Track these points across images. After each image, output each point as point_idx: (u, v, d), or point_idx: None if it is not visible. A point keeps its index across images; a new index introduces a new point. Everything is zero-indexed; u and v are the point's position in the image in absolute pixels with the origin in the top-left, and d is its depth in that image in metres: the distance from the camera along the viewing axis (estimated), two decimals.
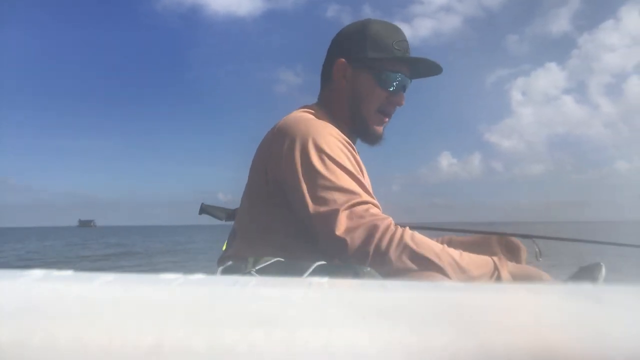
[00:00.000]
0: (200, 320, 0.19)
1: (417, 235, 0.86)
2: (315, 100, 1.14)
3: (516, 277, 0.92)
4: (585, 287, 0.25)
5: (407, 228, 0.87)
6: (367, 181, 1.04)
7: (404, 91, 1.07)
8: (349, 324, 0.19)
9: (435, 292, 0.24)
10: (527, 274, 0.94)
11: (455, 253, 0.86)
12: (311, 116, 1.01)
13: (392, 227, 0.85)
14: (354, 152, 0.97)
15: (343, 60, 1.05)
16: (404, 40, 1.05)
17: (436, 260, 0.82)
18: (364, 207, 0.86)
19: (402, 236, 0.83)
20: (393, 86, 1.03)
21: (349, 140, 0.98)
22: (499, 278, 0.89)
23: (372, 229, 0.84)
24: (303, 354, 0.17)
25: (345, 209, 0.85)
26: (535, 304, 0.23)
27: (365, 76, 1.03)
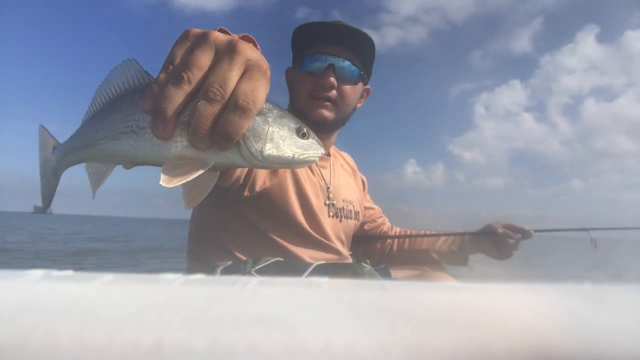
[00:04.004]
0: (200, 320, 0.19)
1: None
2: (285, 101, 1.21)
3: None
4: (585, 287, 0.25)
5: None
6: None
7: (334, 71, 1.06)
8: (349, 324, 0.19)
9: (435, 292, 0.24)
10: None
11: None
12: None
13: None
14: None
15: (289, 67, 1.16)
16: (322, 23, 1.09)
17: None
18: None
19: None
20: (313, 68, 1.07)
21: None
22: None
23: None
24: (303, 354, 0.17)
25: None
26: (535, 304, 0.23)
27: (294, 71, 1.13)
